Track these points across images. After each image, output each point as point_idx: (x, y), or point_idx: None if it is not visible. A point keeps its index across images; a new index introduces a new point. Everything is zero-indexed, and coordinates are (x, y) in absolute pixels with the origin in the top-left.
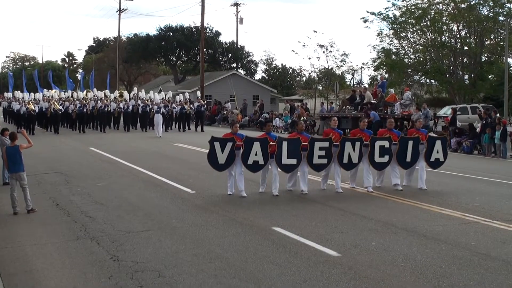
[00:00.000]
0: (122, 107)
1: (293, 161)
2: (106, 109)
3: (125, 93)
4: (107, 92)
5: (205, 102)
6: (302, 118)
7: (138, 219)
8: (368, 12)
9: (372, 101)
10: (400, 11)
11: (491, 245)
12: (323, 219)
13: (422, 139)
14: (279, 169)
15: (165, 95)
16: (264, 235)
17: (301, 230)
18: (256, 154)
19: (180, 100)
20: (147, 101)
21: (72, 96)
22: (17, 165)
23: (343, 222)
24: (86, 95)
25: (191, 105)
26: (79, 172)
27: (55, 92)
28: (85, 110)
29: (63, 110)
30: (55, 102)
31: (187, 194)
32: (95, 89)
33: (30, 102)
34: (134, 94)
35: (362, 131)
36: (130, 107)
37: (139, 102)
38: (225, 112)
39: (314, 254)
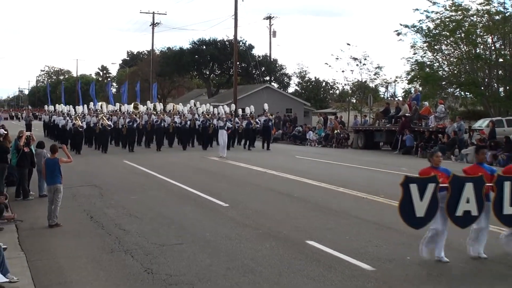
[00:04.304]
0: (178, 122)
1: None
2: (162, 124)
3: (179, 107)
4: (160, 105)
5: (274, 116)
6: (336, 131)
7: (172, 232)
8: (401, 24)
9: (407, 114)
10: (433, 23)
11: None
12: (357, 232)
13: None
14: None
15: (229, 107)
16: (298, 249)
17: (335, 243)
18: (468, 202)
19: (246, 114)
20: (207, 115)
21: (120, 110)
22: (55, 177)
23: (377, 236)
24: (136, 108)
25: (257, 120)
26: (113, 185)
27: (102, 104)
28: (134, 125)
29: (112, 125)
30: (103, 117)
31: (221, 207)
32: (148, 102)
33: (77, 118)
34: (191, 107)
35: None
36: (188, 123)
37: (196, 116)
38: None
39: (349, 268)
